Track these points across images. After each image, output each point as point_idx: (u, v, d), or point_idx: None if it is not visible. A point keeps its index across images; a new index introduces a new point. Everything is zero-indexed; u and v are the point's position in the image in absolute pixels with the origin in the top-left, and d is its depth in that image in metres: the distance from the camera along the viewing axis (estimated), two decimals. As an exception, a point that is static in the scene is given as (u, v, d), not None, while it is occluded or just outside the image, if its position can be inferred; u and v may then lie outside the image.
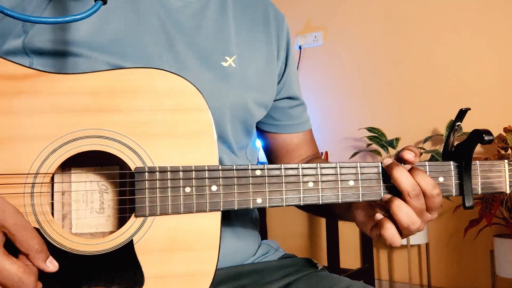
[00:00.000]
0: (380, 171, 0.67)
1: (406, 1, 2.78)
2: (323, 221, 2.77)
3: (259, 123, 0.91)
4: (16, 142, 0.58)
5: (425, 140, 2.55)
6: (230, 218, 0.79)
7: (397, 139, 2.53)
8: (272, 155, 0.94)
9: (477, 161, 0.70)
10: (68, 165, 0.63)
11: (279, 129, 0.91)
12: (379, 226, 0.65)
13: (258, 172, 0.63)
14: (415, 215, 0.63)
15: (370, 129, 2.66)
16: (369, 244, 2.78)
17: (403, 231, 0.64)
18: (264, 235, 2.92)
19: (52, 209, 0.63)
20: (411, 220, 0.63)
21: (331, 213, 0.85)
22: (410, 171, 0.64)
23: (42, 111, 0.59)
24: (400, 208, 0.63)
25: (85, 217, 0.64)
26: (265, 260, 0.84)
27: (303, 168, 0.64)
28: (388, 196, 0.65)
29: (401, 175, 0.63)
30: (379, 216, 0.66)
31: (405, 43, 2.77)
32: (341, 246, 2.48)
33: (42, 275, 0.54)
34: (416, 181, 0.63)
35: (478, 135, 0.66)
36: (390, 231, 0.64)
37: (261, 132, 0.93)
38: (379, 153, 2.71)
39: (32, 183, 0.58)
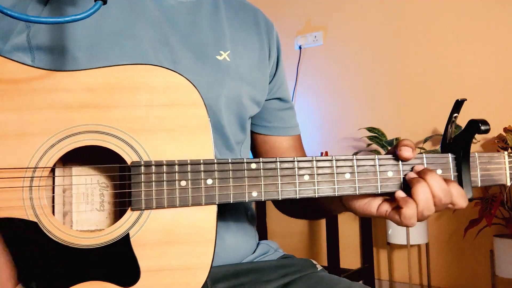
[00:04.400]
0: (377, 163, 0.67)
1: (406, 1, 2.79)
2: (323, 220, 2.77)
3: (250, 124, 0.91)
4: (16, 137, 0.58)
5: (425, 140, 2.55)
6: (226, 215, 0.79)
7: (397, 139, 2.53)
8: (261, 157, 0.95)
9: (476, 153, 0.69)
10: (67, 161, 0.63)
11: (269, 131, 0.92)
12: (395, 203, 0.66)
13: (253, 166, 0.63)
14: (433, 203, 0.64)
15: (370, 129, 2.66)
16: (369, 244, 2.78)
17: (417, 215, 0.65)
18: (264, 235, 2.92)
19: (53, 203, 0.63)
20: (428, 205, 0.63)
21: (318, 209, 0.85)
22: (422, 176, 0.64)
23: (41, 108, 0.60)
24: (424, 190, 0.63)
25: (86, 215, 0.64)
26: (264, 259, 0.84)
27: (298, 161, 0.64)
28: (413, 175, 0.65)
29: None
30: (402, 193, 0.66)
31: (405, 43, 2.77)
32: (341, 246, 2.48)
33: (39, 269, 0.54)
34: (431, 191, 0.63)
35: (475, 125, 0.65)
36: (412, 211, 0.63)
37: (251, 133, 0.93)
38: (379, 153, 2.71)
39: (31, 177, 0.58)
